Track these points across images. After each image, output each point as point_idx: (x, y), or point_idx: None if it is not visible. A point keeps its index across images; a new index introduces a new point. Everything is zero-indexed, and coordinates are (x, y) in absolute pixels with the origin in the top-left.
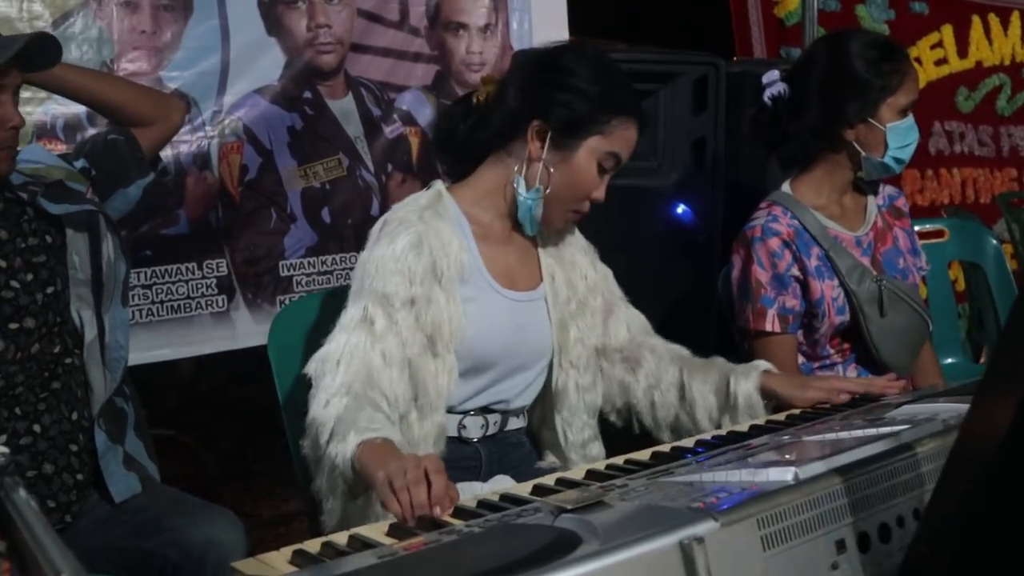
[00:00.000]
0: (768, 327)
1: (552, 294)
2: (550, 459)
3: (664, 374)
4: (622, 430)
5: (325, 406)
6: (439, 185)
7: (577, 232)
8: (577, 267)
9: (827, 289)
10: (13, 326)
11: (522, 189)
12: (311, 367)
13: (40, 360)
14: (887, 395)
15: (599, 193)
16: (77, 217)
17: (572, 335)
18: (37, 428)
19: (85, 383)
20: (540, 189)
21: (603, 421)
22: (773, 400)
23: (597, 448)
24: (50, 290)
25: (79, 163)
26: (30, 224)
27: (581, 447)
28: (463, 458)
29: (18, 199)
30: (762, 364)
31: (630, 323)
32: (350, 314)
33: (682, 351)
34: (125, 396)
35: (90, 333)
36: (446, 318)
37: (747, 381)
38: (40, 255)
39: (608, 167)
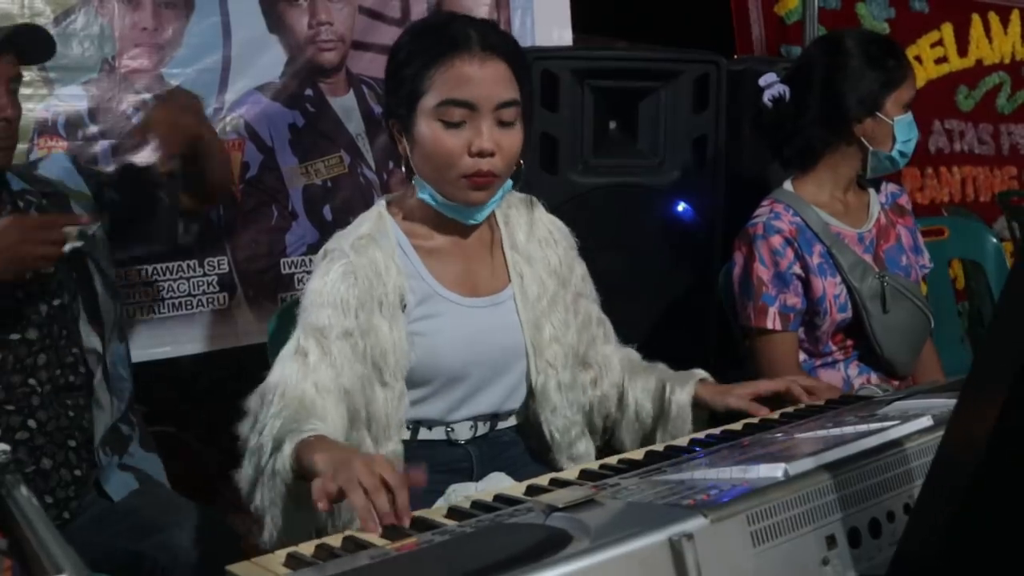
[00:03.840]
0: (769, 325)
1: (521, 294)
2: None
3: (609, 383)
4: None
5: (261, 432)
6: (380, 206)
7: (551, 221)
8: (547, 260)
9: (829, 287)
10: (14, 336)
11: (419, 189)
12: (251, 401)
13: (40, 368)
14: (803, 397)
15: (476, 146)
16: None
17: (547, 333)
18: (32, 424)
19: (87, 385)
20: (420, 179)
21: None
22: (706, 410)
23: (584, 446)
24: (56, 302)
25: (109, 193)
26: None
27: (568, 447)
28: (454, 460)
29: (15, 207)
30: (699, 373)
31: (593, 328)
32: (287, 347)
33: (632, 356)
34: (131, 423)
35: (98, 365)
36: (390, 347)
37: (682, 391)
38: (50, 266)
39: (456, 117)
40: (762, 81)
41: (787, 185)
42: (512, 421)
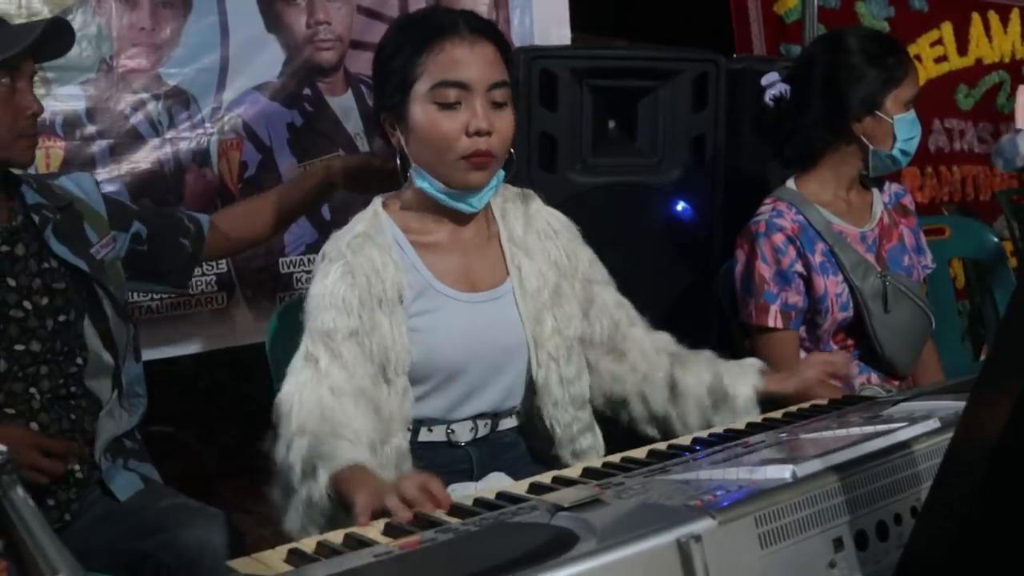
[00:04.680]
0: (771, 323)
1: (520, 287)
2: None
3: (653, 368)
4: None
5: (288, 450)
6: (376, 204)
7: (550, 214)
8: (547, 253)
9: (831, 285)
10: (19, 348)
11: (417, 178)
12: (274, 415)
13: (43, 378)
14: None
15: (473, 125)
16: (74, 266)
17: (548, 326)
18: (35, 426)
19: (89, 394)
20: (417, 167)
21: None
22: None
23: (590, 439)
24: (62, 318)
25: (136, 226)
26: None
27: (570, 442)
28: (454, 461)
29: (28, 219)
30: (754, 363)
31: (613, 312)
32: (297, 356)
33: (667, 342)
34: (135, 439)
35: (110, 381)
36: (391, 343)
37: (744, 385)
38: (60, 281)
39: (451, 98)
40: (764, 80)
41: (790, 183)
42: (513, 421)
